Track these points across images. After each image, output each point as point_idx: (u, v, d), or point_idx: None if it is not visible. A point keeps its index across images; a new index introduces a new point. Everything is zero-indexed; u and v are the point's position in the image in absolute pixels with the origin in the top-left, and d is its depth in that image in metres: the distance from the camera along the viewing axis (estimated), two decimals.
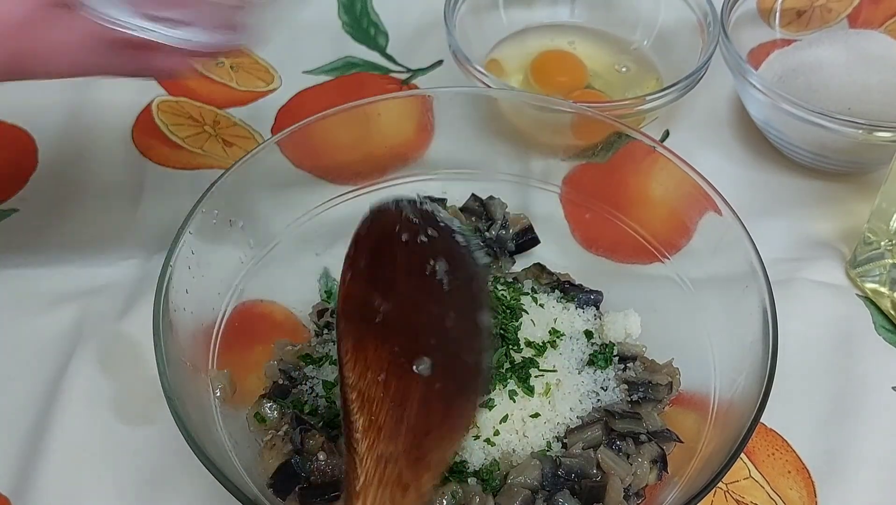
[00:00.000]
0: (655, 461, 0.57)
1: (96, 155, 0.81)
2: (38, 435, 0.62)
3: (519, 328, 0.60)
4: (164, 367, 0.52)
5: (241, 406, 0.60)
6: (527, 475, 0.54)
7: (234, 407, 0.59)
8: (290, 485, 0.55)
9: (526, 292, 0.64)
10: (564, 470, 0.55)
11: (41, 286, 0.71)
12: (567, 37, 0.88)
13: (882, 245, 0.70)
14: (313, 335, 0.65)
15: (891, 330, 0.70)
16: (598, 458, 0.56)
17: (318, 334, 0.65)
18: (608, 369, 0.61)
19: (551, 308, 0.64)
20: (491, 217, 0.70)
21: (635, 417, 0.58)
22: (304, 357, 0.62)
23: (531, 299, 0.63)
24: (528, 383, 0.58)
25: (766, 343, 0.54)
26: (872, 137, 0.72)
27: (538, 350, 0.60)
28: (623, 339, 0.64)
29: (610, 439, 0.57)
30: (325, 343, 0.63)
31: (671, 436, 0.59)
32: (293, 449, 0.56)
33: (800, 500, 0.60)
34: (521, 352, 0.59)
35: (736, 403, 0.55)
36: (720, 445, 0.53)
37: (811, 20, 0.88)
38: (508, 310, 0.61)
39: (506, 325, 0.60)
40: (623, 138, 0.67)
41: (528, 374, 0.58)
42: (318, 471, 0.55)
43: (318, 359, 0.62)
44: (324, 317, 0.65)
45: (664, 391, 0.60)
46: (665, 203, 0.66)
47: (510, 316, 0.60)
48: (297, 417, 0.58)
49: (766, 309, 0.55)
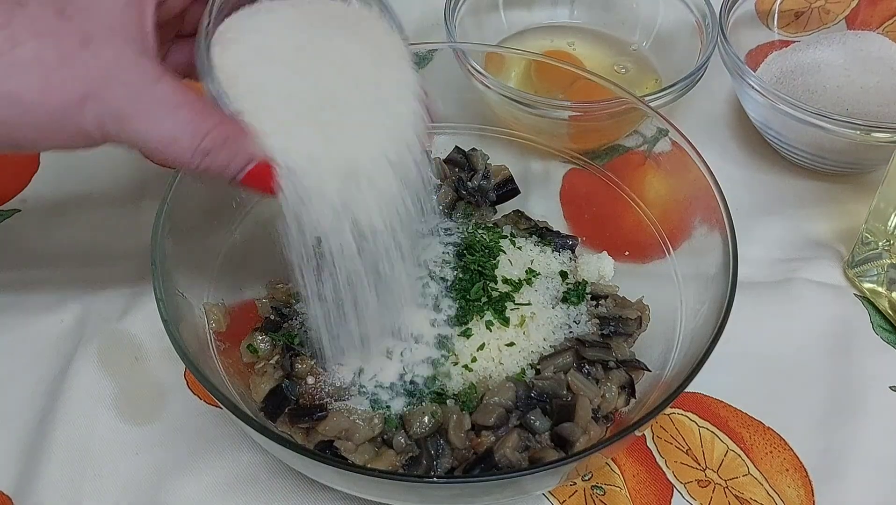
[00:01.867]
0: (623, 387, 0.60)
1: (97, 156, 0.80)
2: (39, 434, 0.62)
3: (496, 266, 0.64)
4: (161, 294, 0.55)
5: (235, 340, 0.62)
6: (501, 396, 0.58)
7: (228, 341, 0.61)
8: (280, 407, 0.58)
9: (504, 235, 0.68)
10: (536, 391, 0.58)
11: (43, 286, 0.71)
12: (566, 38, 0.89)
13: (880, 245, 0.70)
14: None
15: (888, 330, 0.70)
16: (569, 380, 0.59)
17: None
18: (581, 305, 0.64)
19: (528, 250, 0.67)
20: (473, 168, 0.72)
21: (605, 346, 0.61)
22: (294, 295, 0.65)
23: (510, 242, 0.67)
24: (503, 315, 0.61)
25: (727, 273, 0.57)
26: (870, 138, 0.72)
27: (514, 286, 0.63)
28: (596, 280, 0.67)
29: (580, 365, 0.60)
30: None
31: (639, 364, 0.61)
32: (283, 375, 0.60)
33: (797, 498, 0.61)
34: (497, 288, 0.63)
35: (699, 329, 0.58)
36: (682, 368, 0.56)
37: (809, 22, 0.88)
38: (486, 249, 0.64)
39: (484, 263, 0.63)
40: (619, 149, 0.70)
41: (504, 306, 0.62)
42: (306, 393, 0.59)
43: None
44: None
45: (634, 325, 0.63)
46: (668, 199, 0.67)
47: (488, 255, 0.64)
48: (288, 346, 0.61)
49: (727, 242, 0.58)
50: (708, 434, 0.64)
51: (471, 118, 0.76)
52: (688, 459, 0.63)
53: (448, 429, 0.56)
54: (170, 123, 0.48)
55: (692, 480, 0.62)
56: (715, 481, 0.61)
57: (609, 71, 0.86)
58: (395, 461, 0.56)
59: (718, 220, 0.60)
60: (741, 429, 0.64)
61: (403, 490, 0.52)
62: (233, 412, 0.51)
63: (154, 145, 0.48)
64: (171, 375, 0.65)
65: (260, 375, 0.61)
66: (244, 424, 0.51)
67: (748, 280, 0.70)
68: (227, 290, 0.64)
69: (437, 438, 0.57)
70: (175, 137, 0.48)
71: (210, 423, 0.63)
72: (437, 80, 0.75)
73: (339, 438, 0.56)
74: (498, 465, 0.55)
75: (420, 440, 0.56)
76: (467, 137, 0.75)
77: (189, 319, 0.59)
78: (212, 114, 0.49)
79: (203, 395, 0.64)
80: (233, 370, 0.60)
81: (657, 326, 0.64)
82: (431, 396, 0.58)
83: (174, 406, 0.64)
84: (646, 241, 0.68)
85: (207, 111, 0.49)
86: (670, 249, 0.66)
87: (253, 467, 0.61)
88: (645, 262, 0.68)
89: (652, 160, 0.68)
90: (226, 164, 0.49)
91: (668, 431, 0.64)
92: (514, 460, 0.55)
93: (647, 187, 0.69)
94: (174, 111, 0.48)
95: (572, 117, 0.73)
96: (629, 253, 0.69)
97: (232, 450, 0.62)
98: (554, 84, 0.78)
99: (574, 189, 0.74)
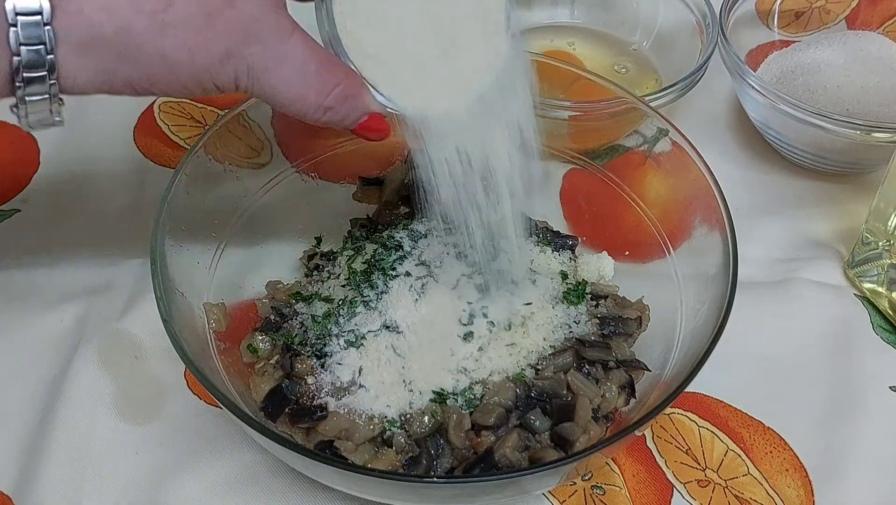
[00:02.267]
0: (623, 387, 0.60)
1: (98, 156, 0.81)
2: (39, 434, 0.62)
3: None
4: (161, 294, 0.55)
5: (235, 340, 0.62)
6: (501, 396, 0.58)
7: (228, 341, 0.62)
8: (280, 407, 0.58)
9: (505, 235, 0.67)
10: (536, 391, 0.58)
11: (43, 286, 0.71)
12: (566, 38, 0.89)
13: (880, 245, 0.70)
14: (303, 276, 0.69)
15: (888, 330, 0.70)
16: (569, 380, 0.59)
17: (308, 276, 0.68)
18: (581, 305, 0.64)
19: (528, 250, 0.66)
20: None
21: (605, 346, 0.61)
22: (294, 295, 0.65)
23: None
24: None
25: (727, 273, 0.57)
26: (870, 138, 0.72)
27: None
28: (596, 280, 0.67)
29: (580, 365, 0.60)
30: (314, 283, 0.66)
31: (639, 364, 0.61)
32: (283, 375, 0.60)
33: (797, 498, 0.61)
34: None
35: (699, 329, 0.58)
36: (682, 368, 0.56)
37: (809, 21, 0.88)
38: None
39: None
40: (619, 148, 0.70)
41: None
42: (306, 394, 0.59)
43: (308, 297, 0.65)
44: (314, 259, 0.69)
45: (634, 325, 0.63)
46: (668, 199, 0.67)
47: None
48: (288, 346, 0.61)
49: (727, 242, 0.59)
50: (708, 434, 0.64)
51: None
52: (688, 458, 0.63)
53: (448, 429, 0.56)
54: (298, 81, 0.51)
55: (692, 479, 0.62)
56: (715, 481, 0.61)
57: (609, 71, 0.86)
58: (395, 461, 0.56)
59: (718, 220, 0.60)
60: (741, 429, 0.64)
61: (403, 490, 0.52)
62: (233, 412, 0.51)
63: (282, 100, 0.52)
64: (171, 375, 0.65)
65: (260, 375, 0.61)
66: (244, 423, 0.51)
67: (748, 280, 0.70)
68: (227, 290, 0.64)
69: (437, 438, 0.57)
70: (302, 95, 0.52)
71: (210, 423, 0.63)
72: None
73: (339, 438, 0.56)
74: (498, 465, 0.55)
75: (420, 440, 0.56)
76: None
77: (189, 319, 0.59)
78: (336, 71, 0.52)
79: (203, 394, 0.64)
80: (233, 370, 0.60)
81: (657, 326, 0.64)
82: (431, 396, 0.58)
83: (174, 406, 0.64)
84: (646, 241, 0.68)
85: (332, 68, 0.52)
86: (670, 249, 0.66)
87: (253, 467, 0.61)
88: (645, 262, 0.68)
89: (652, 160, 0.68)
90: (343, 118, 0.53)
91: (668, 431, 0.64)
92: (514, 460, 0.55)
93: (647, 187, 0.69)
94: (303, 68, 0.51)
95: (572, 117, 0.73)
96: (629, 253, 0.69)
97: (232, 450, 0.62)
98: (554, 84, 0.77)
99: (574, 189, 0.74)
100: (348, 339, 0.60)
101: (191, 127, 0.84)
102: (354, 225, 0.71)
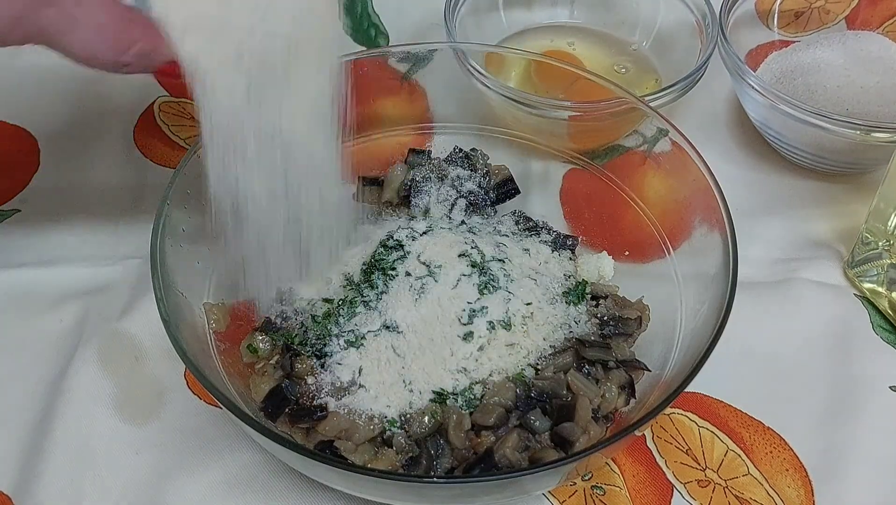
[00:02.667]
0: (623, 387, 0.60)
1: (98, 155, 0.81)
2: (39, 434, 0.62)
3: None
4: (161, 294, 0.55)
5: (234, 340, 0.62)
6: (501, 396, 0.58)
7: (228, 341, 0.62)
8: (280, 407, 0.58)
9: (505, 234, 0.68)
10: (536, 391, 0.58)
11: (43, 286, 0.71)
12: (566, 38, 0.89)
13: (880, 245, 0.70)
14: None
15: (888, 330, 0.70)
16: (569, 380, 0.59)
17: None
18: (581, 305, 0.64)
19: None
20: (473, 168, 0.72)
21: (605, 346, 0.61)
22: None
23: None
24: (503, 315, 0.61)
25: (727, 273, 0.57)
26: (870, 138, 0.72)
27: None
28: (596, 280, 0.67)
29: (580, 365, 0.60)
30: None
31: (639, 364, 0.61)
32: (283, 375, 0.60)
33: (797, 498, 0.61)
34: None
35: (699, 329, 0.58)
36: (682, 368, 0.56)
37: (809, 21, 0.88)
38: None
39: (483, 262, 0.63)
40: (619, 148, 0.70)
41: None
42: (306, 394, 0.59)
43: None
44: None
45: (634, 325, 0.63)
46: (668, 199, 0.67)
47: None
48: (288, 346, 0.61)
49: (727, 242, 0.59)
50: (708, 434, 0.64)
51: (471, 118, 0.76)
52: (688, 458, 0.63)
53: (448, 429, 0.56)
54: (95, 42, 0.52)
55: (692, 480, 0.62)
56: (715, 481, 0.62)
57: (609, 71, 0.86)
58: (395, 461, 0.56)
59: (718, 220, 0.60)
60: (741, 429, 0.64)
61: (403, 490, 0.52)
62: (233, 412, 0.51)
63: (77, 59, 0.52)
64: (171, 375, 0.65)
65: (260, 375, 0.61)
66: (244, 424, 0.51)
67: (748, 280, 0.70)
68: (227, 290, 0.64)
69: (437, 438, 0.57)
70: (97, 54, 0.52)
71: (210, 423, 0.63)
72: (437, 80, 0.75)
73: (339, 438, 0.56)
74: (498, 465, 0.55)
75: (420, 440, 0.56)
76: (467, 137, 0.75)
77: (189, 319, 0.59)
78: (132, 29, 0.52)
79: (203, 395, 0.64)
80: (233, 370, 0.60)
81: (657, 326, 0.64)
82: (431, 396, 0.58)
83: (174, 406, 0.64)
84: (646, 241, 0.68)
85: (129, 26, 0.52)
86: (670, 249, 0.66)
87: (253, 467, 0.61)
88: (645, 262, 0.68)
89: (652, 160, 0.68)
90: (142, 70, 0.54)
91: (668, 431, 0.64)
92: (514, 460, 0.55)
93: (647, 187, 0.69)
94: (99, 29, 0.51)
95: (572, 117, 0.73)
96: (629, 253, 0.69)
97: (232, 450, 0.62)
98: (554, 84, 0.78)
99: (574, 189, 0.74)
100: (348, 339, 0.60)
101: (191, 127, 0.84)
102: None
